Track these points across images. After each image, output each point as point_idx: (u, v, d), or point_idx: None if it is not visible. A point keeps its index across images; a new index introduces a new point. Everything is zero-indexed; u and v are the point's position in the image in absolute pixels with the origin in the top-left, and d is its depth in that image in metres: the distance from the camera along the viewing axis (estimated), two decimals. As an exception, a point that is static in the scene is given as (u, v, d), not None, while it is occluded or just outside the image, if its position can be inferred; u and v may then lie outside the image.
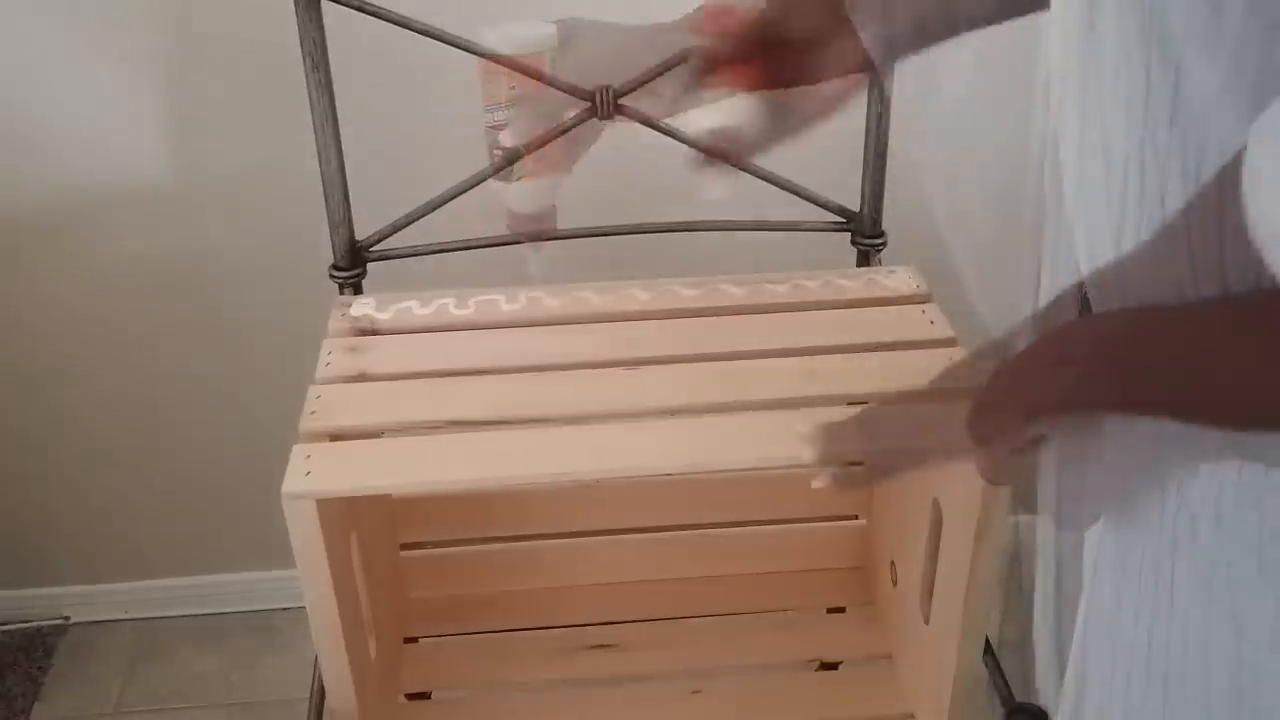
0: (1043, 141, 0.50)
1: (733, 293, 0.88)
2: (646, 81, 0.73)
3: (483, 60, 0.71)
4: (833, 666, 0.99)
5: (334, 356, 0.82)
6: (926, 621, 0.85)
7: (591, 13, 0.70)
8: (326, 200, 1.01)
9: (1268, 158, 0.33)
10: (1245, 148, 0.34)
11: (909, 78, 0.61)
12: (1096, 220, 0.45)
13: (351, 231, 1.04)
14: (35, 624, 1.61)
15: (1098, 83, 0.42)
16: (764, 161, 1.08)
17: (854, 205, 1.10)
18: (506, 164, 0.72)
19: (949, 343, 0.82)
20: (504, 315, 0.86)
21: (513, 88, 0.70)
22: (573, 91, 0.70)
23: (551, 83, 0.70)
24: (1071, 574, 0.54)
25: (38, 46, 1.19)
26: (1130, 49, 0.40)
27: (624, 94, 0.78)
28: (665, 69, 0.71)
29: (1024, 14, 0.56)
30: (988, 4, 0.57)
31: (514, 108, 0.69)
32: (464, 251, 1.09)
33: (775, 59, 0.67)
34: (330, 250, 1.04)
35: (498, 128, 0.70)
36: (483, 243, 1.08)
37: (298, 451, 0.72)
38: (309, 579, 0.72)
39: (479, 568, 1.01)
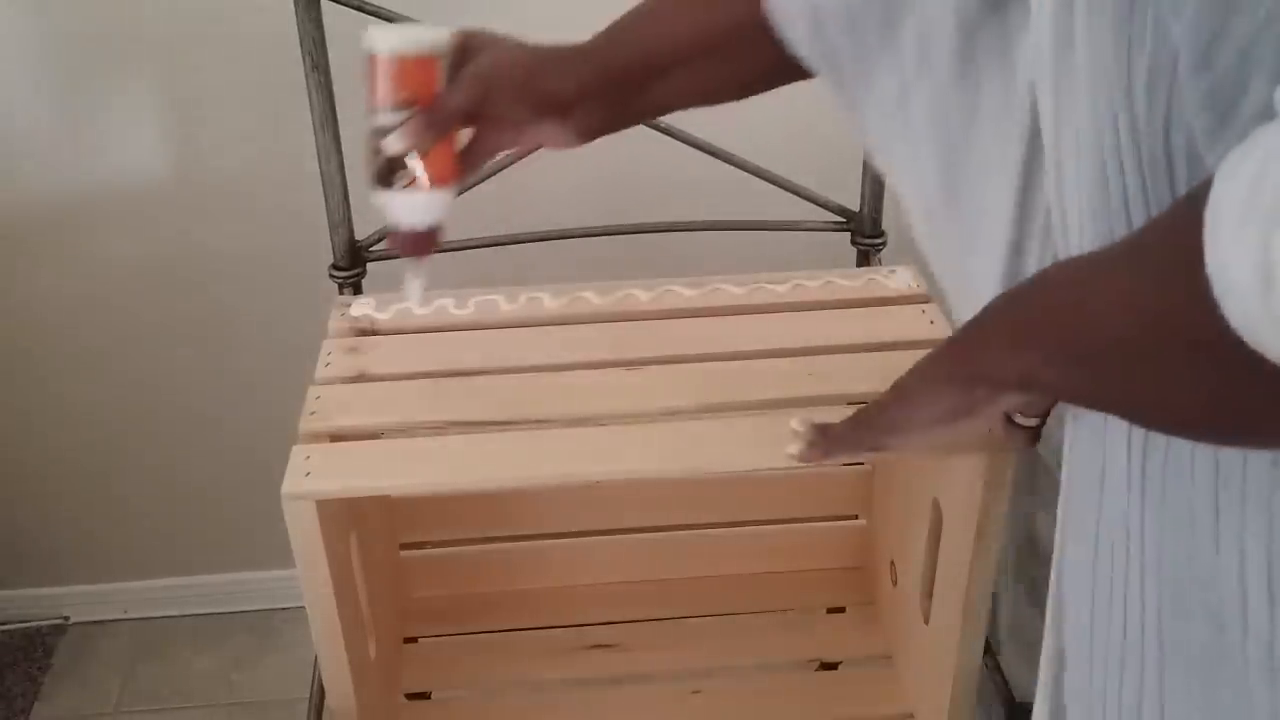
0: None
1: (733, 293, 0.88)
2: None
3: (372, 58, 0.66)
4: (833, 666, 0.99)
5: (334, 357, 0.82)
6: (926, 621, 0.85)
7: (576, 14, 0.69)
8: (326, 200, 1.01)
9: (1231, 200, 0.33)
10: (1212, 181, 0.34)
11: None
12: (1075, 221, 0.46)
13: (351, 231, 1.04)
14: (35, 624, 1.61)
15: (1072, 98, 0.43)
16: (764, 161, 1.08)
17: (854, 205, 1.10)
18: (388, 172, 0.68)
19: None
20: (504, 315, 0.86)
21: (402, 91, 0.65)
22: (465, 106, 0.67)
23: (445, 92, 0.66)
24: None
25: (38, 46, 1.19)
26: (1107, 65, 0.41)
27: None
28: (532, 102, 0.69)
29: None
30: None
31: (402, 112, 0.65)
32: (464, 251, 1.09)
33: (471, 146, 0.69)
34: (330, 250, 1.04)
35: (383, 132, 0.66)
36: (483, 243, 1.08)
37: (297, 452, 0.72)
38: (309, 579, 0.72)
39: (479, 568, 1.01)
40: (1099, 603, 0.50)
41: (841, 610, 1.02)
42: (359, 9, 0.99)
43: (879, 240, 1.10)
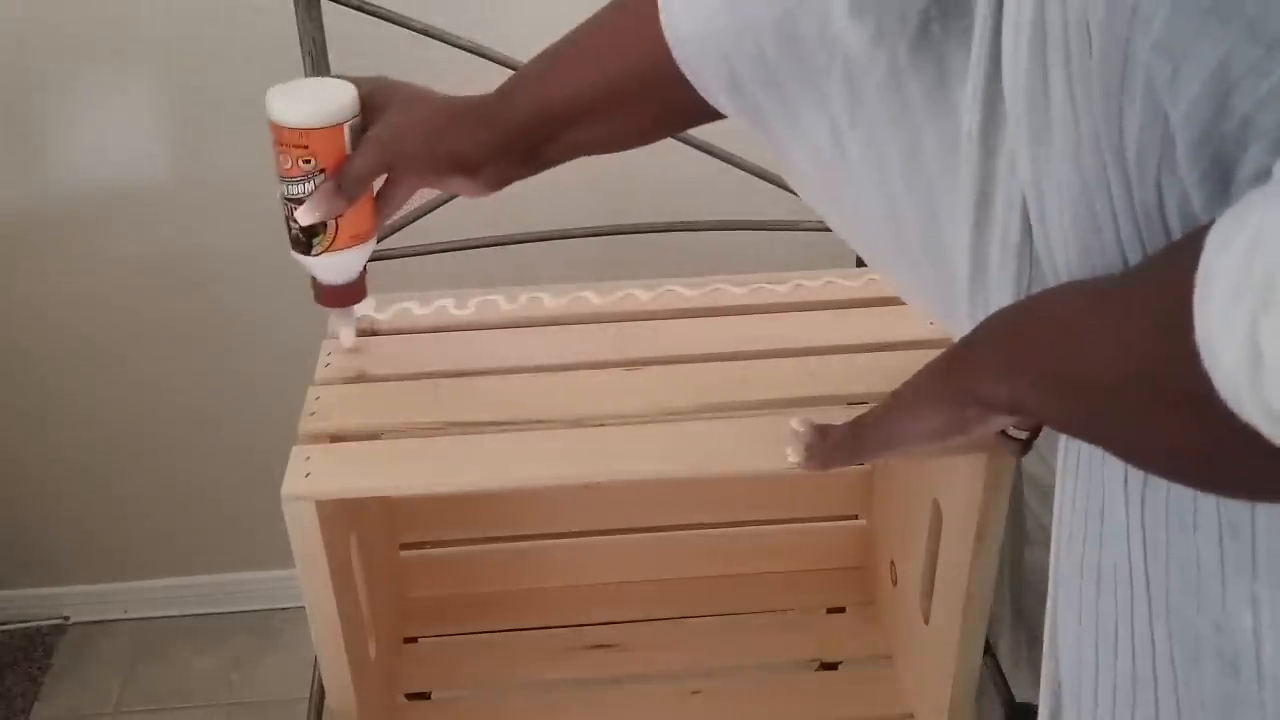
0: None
1: (733, 293, 0.88)
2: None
3: (274, 127, 0.65)
4: (833, 666, 0.99)
5: (333, 357, 0.82)
6: (926, 621, 0.85)
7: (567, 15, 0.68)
8: (326, 200, 1.01)
9: (1222, 273, 0.33)
10: (1205, 235, 0.34)
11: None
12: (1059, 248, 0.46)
13: (351, 231, 1.04)
14: (35, 624, 1.61)
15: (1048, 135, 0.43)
16: (764, 161, 1.08)
17: (854, 205, 1.10)
18: (306, 240, 0.69)
19: (948, 344, 0.82)
20: (504, 315, 0.86)
21: (308, 161, 0.65)
22: (372, 172, 0.67)
23: (351, 159, 0.66)
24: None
25: (37, 46, 1.19)
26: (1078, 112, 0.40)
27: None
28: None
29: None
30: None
31: (310, 182, 0.65)
32: (464, 251, 1.09)
33: (383, 193, 0.70)
34: (330, 250, 1.04)
35: (293, 201, 0.66)
36: (483, 243, 1.08)
37: (297, 453, 0.72)
38: (309, 579, 0.72)
39: (479, 568, 1.01)
40: (1104, 640, 0.49)
41: (841, 610, 1.02)
42: (359, 9, 0.99)
43: (879, 240, 1.09)
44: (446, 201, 1.06)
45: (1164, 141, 0.38)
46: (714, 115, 0.61)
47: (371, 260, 1.06)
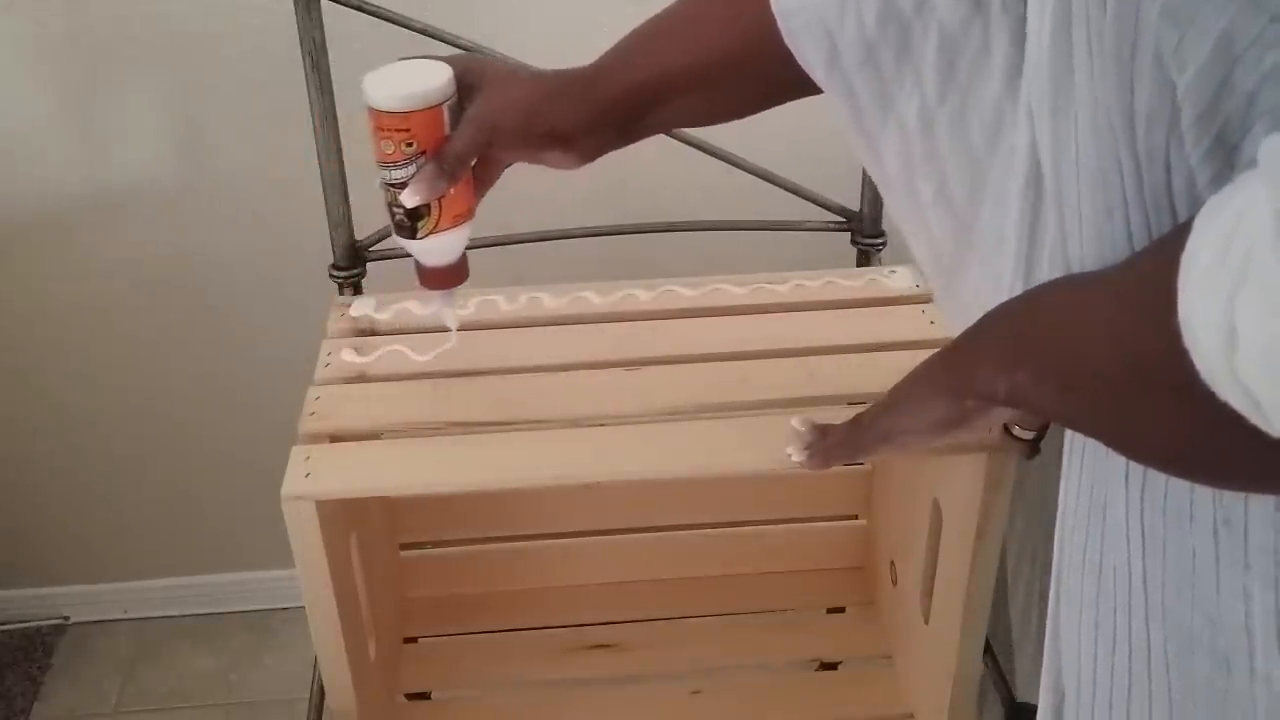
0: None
1: (733, 293, 0.88)
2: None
3: (374, 113, 0.65)
4: (833, 666, 0.99)
5: (333, 357, 0.82)
6: (926, 621, 0.85)
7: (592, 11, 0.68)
8: (326, 200, 1.01)
9: (1203, 252, 0.33)
10: (1194, 223, 0.34)
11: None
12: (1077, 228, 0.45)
13: (351, 231, 1.04)
14: (35, 624, 1.61)
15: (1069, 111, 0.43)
16: (764, 161, 1.08)
17: (854, 205, 1.10)
18: (411, 224, 0.69)
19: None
20: (504, 315, 0.86)
21: (409, 144, 0.65)
22: (472, 152, 0.67)
23: (451, 139, 0.66)
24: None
25: (37, 48, 1.19)
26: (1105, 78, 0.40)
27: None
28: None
29: None
30: None
31: (413, 165, 0.65)
32: (464, 251, 1.09)
33: (478, 173, 0.70)
34: (330, 250, 1.04)
35: (396, 186, 0.66)
36: (483, 243, 1.08)
37: (297, 453, 0.72)
38: (309, 579, 0.72)
39: (479, 568, 1.01)
40: (1103, 636, 0.49)
41: (841, 610, 1.02)
42: (359, 9, 0.99)
43: (879, 240, 1.10)
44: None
45: (1171, 113, 0.38)
46: (807, 92, 0.62)
47: (372, 260, 1.07)
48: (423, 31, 1.00)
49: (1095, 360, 0.41)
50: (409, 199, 0.66)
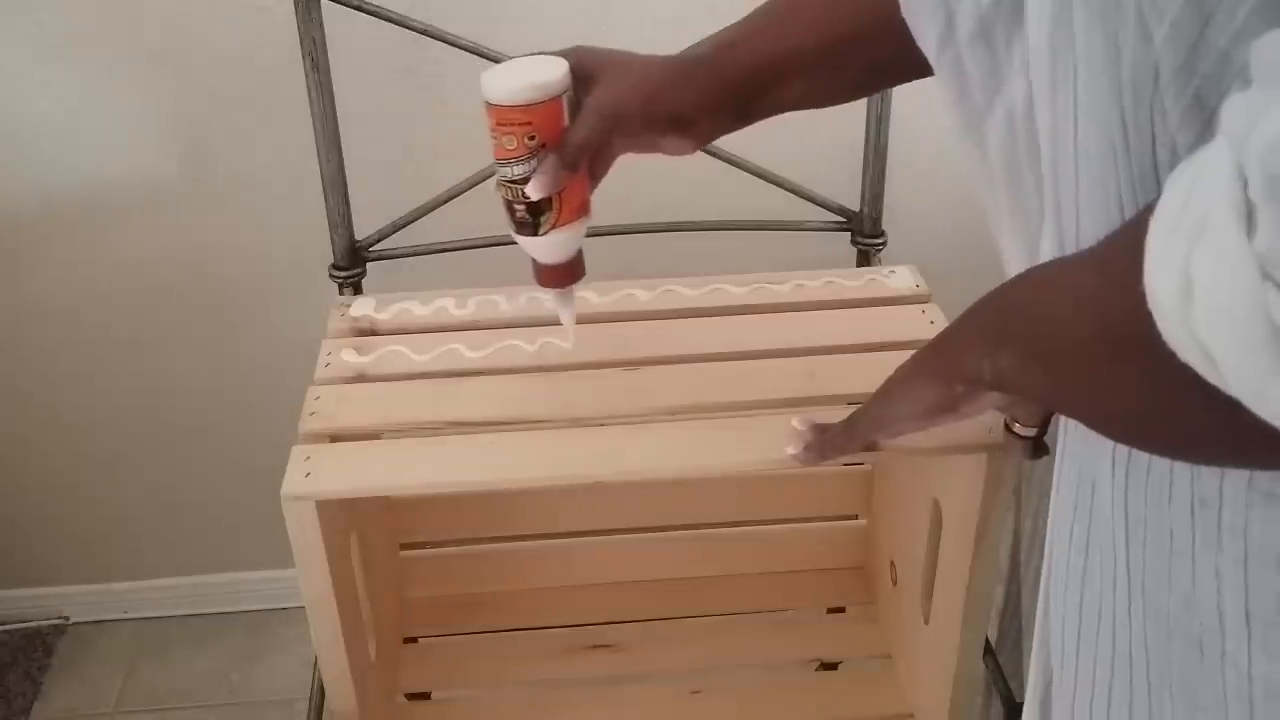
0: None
1: (733, 293, 0.88)
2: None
3: (494, 110, 0.65)
4: (833, 666, 0.99)
5: (333, 357, 0.82)
6: (926, 621, 0.85)
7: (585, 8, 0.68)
8: (326, 200, 1.01)
9: (1167, 209, 0.34)
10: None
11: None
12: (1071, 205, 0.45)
13: (351, 231, 1.04)
14: (35, 624, 1.61)
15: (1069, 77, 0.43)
16: (764, 161, 1.08)
17: (854, 205, 1.10)
18: (534, 221, 0.69)
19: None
20: (504, 315, 0.86)
21: (532, 138, 0.65)
22: (594, 142, 0.67)
23: (571, 130, 0.66)
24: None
25: (38, 46, 1.19)
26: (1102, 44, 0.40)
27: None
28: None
29: None
30: None
31: (534, 160, 0.65)
32: (464, 251, 1.09)
33: (592, 167, 0.70)
34: (330, 250, 1.04)
35: (519, 182, 0.66)
36: (483, 243, 1.08)
37: (297, 453, 0.72)
38: (309, 579, 0.72)
39: (479, 568, 1.01)
40: (1087, 619, 0.50)
41: (841, 610, 1.02)
42: (359, 9, 0.99)
43: (879, 240, 1.10)
44: (445, 202, 1.07)
45: (1154, 72, 0.38)
46: (914, 75, 0.62)
47: (372, 260, 1.07)
48: (423, 32, 1.00)
49: (1071, 330, 0.41)
50: (534, 190, 0.66)
